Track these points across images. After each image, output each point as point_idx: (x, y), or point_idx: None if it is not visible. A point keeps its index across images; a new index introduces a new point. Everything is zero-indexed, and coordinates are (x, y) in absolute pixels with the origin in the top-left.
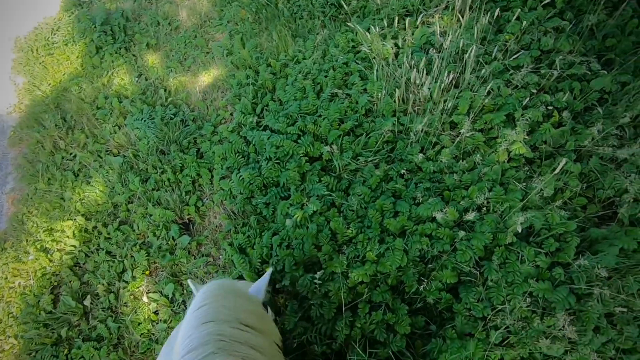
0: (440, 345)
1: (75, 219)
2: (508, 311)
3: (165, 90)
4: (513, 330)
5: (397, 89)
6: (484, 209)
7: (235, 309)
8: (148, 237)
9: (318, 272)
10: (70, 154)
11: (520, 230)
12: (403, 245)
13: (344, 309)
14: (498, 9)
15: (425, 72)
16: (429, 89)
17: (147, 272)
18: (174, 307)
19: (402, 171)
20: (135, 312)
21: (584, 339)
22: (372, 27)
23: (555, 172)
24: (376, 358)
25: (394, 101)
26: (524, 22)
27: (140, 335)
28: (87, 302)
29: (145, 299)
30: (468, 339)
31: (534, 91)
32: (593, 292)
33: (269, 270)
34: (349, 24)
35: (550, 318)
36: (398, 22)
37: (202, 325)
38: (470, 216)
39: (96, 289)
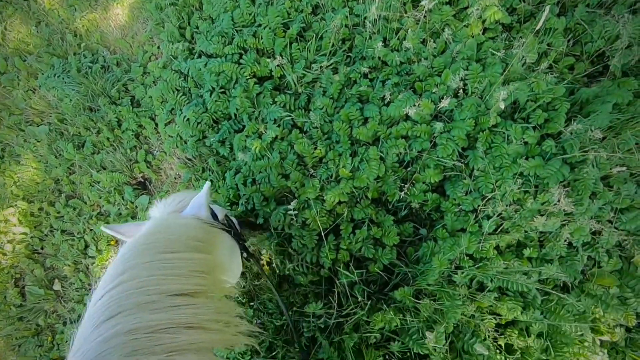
0: (432, 247)
1: (16, 205)
2: (499, 197)
3: (74, 35)
4: (506, 216)
5: None
6: (461, 92)
7: (164, 279)
8: (103, 206)
9: (291, 203)
10: None
11: (503, 108)
12: (378, 154)
13: (323, 235)
14: None
15: None
16: None
17: (113, 242)
18: None
19: (365, 70)
20: None
21: (580, 209)
22: None
23: (538, 27)
24: (367, 275)
25: None
26: None
27: None
28: (56, 287)
29: None
30: (460, 235)
31: None
32: (587, 158)
33: (207, 184)
34: None
35: (544, 195)
36: None
37: (103, 324)
38: (446, 102)
39: (63, 272)
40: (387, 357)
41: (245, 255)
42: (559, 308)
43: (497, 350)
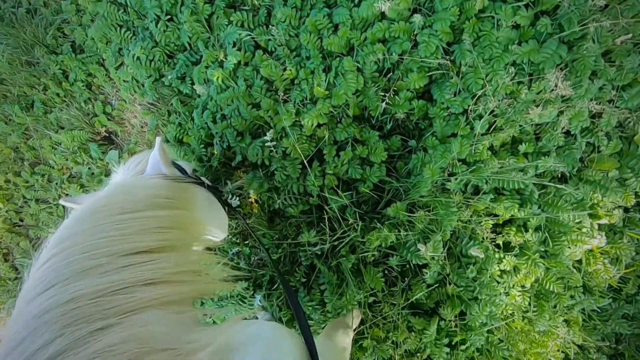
0: (423, 157)
1: None
2: (490, 93)
3: None
4: (499, 112)
5: None
6: None
7: (115, 239)
8: (72, 168)
9: (267, 134)
10: None
11: None
12: (354, 64)
13: (306, 162)
14: None
15: None
16: None
17: None
18: None
19: None
20: None
21: (579, 91)
22: None
23: None
24: (358, 196)
25: None
26: None
27: None
28: None
29: None
30: (451, 140)
31: None
32: (587, 32)
33: (157, 139)
34: None
35: (540, 83)
36: None
37: (37, 298)
38: None
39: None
40: (386, 272)
41: (227, 209)
42: (557, 199)
43: (495, 250)
